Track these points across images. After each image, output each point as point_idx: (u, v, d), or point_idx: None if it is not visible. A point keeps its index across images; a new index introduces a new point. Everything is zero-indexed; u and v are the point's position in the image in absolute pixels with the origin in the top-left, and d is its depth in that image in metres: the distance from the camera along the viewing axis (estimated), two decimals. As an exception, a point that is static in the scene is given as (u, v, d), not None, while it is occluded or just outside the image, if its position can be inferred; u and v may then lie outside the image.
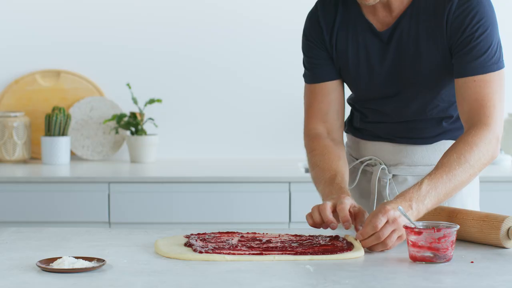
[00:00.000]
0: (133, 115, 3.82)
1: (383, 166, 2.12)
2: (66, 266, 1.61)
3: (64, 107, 3.86)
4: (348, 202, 1.88)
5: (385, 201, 1.84)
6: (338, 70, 2.13)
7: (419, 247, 1.68)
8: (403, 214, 1.82)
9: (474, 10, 1.94)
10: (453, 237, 1.68)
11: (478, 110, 1.93)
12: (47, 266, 1.61)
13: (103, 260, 1.65)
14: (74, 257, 1.66)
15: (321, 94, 2.13)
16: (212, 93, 3.97)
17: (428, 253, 1.67)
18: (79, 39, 3.93)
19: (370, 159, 2.16)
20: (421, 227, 1.71)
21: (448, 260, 1.69)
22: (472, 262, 1.69)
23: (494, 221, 1.81)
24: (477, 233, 1.84)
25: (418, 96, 2.05)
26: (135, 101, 3.81)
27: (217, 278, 1.57)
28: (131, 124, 3.81)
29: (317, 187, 2.05)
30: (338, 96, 2.14)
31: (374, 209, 2.12)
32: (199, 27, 3.94)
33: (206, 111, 3.97)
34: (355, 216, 1.89)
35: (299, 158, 3.86)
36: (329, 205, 1.87)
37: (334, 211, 1.88)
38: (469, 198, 2.12)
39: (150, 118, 3.87)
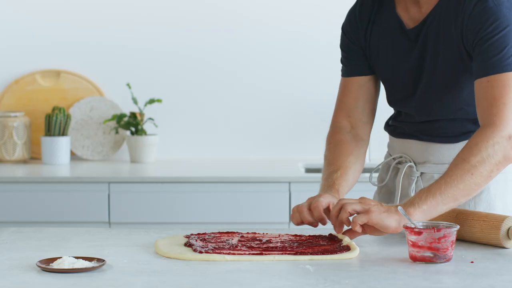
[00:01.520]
0: (133, 115, 3.82)
1: (411, 163, 2.12)
2: (66, 266, 1.61)
3: (64, 107, 3.86)
4: (325, 200, 1.91)
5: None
6: (372, 67, 2.15)
7: (419, 247, 1.68)
8: (403, 214, 1.82)
9: (491, 11, 1.93)
10: (453, 237, 1.68)
11: (487, 110, 1.91)
12: (47, 266, 1.61)
13: (103, 260, 1.65)
14: (74, 257, 1.66)
15: (350, 88, 2.17)
16: (212, 93, 3.97)
17: (428, 253, 1.67)
18: (79, 39, 3.93)
19: (400, 157, 2.17)
20: (421, 227, 1.71)
21: (448, 260, 1.69)
22: (472, 262, 1.69)
23: (494, 221, 1.81)
24: (477, 233, 1.84)
25: (437, 97, 2.05)
26: (135, 101, 3.81)
27: (217, 278, 1.57)
28: (131, 124, 3.81)
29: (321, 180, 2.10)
30: (367, 92, 2.16)
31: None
32: (199, 27, 3.94)
33: (206, 111, 3.97)
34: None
35: (299, 158, 3.86)
36: (305, 207, 1.91)
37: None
38: (498, 201, 2.08)
39: (150, 118, 3.87)
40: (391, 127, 2.22)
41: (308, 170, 3.75)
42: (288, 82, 3.87)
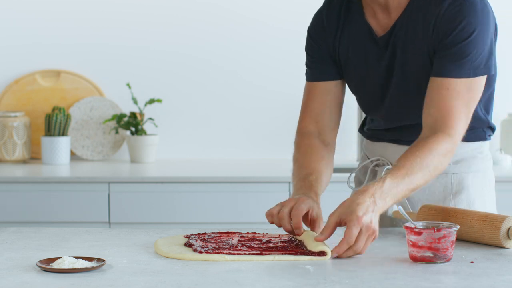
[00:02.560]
0: (133, 115, 3.82)
1: (389, 166, 2.12)
2: (66, 266, 1.61)
3: (64, 107, 3.86)
4: (305, 207, 1.87)
5: (346, 200, 1.81)
6: (340, 72, 2.13)
7: (419, 247, 1.67)
8: (403, 214, 1.82)
9: (463, 14, 1.92)
10: (453, 237, 1.68)
11: (444, 119, 1.91)
12: (47, 266, 1.61)
13: (103, 260, 1.65)
14: (74, 257, 1.66)
15: (317, 93, 2.14)
16: (212, 93, 3.97)
17: (428, 253, 1.67)
18: (79, 39, 3.93)
19: (378, 160, 2.16)
20: (421, 227, 1.71)
21: (448, 260, 1.69)
22: (472, 262, 1.69)
23: (494, 221, 1.81)
24: (477, 233, 1.84)
25: (410, 102, 2.04)
26: (135, 101, 3.81)
27: (217, 278, 1.57)
28: (131, 124, 3.81)
29: (292, 182, 2.05)
30: (335, 98, 2.14)
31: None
32: (200, 27, 3.94)
33: (206, 111, 3.97)
34: (311, 222, 1.89)
35: (299, 158, 3.86)
36: (286, 213, 1.86)
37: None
38: (478, 200, 2.10)
39: (150, 118, 3.87)
40: (366, 132, 2.22)
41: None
42: (289, 82, 3.87)
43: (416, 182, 1.85)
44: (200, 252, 1.74)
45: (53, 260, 1.65)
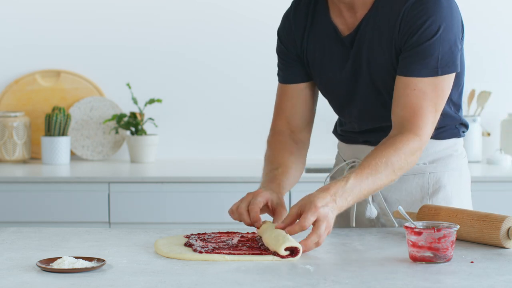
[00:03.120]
0: (133, 115, 3.82)
1: None
2: (66, 266, 1.61)
3: (64, 107, 3.86)
4: (262, 198, 1.90)
5: (308, 194, 1.82)
6: (309, 74, 2.13)
7: (419, 247, 1.67)
8: (403, 214, 1.82)
9: (428, 13, 1.90)
10: (453, 237, 1.68)
11: (411, 119, 1.91)
12: (47, 266, 1.61)
13: (103, 260, 1.65)
14: (74, 257, 1.66)
15: (287, 95, 2.15)
16: (212, 93, 3.97)
17: (428, 253, 1.67)
18: (79, 39, 3.93)
19: (353, 161, 2.15)
20: (421, 227, 1.71)
21: (448, 260, 1.69)
22: (472, 262, 1.69)
23: (494, 221, 1.81)
24: (477, 233, 1.84)
25: (380, 102, 2.04)
26: (135, 101, 3.81)
27: (217, 278, 1.57)
28: (131, 124, 3.81)
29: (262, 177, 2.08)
30: (305, 99, 2.14)
31: (355, 211, 2.12)
32: (200, 28, 3.94)
33: (206, 111, 3.97)
34: (274, 211, 1.92)
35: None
36: (244, 208, 1.89)
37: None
38: (455, 198, 2.10)
39: (150, 118, 3.87)
40: (340, 135, 2.22)
41: (308, 170, 3.75)
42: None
43: (379, 181, 1.86)
44: (200, 252, 1.74)
45: (53, 260, 1.65)
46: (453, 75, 1.96)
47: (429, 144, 2.06)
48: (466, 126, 2.14)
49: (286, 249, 1.73)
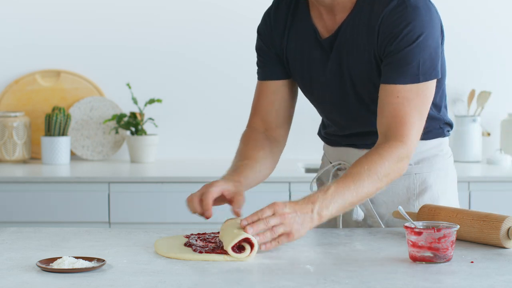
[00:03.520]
0: (133, 115, 3.82)
1: None
2: (66, 266, 1.61)
3: (64, 107, 3.86)
4: (217, 188, 1.90)
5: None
6: (288, 72, 2.12)
7: (419, 247, 1.67)
8: (403, 214, 1.82)
9: (407, 19, 1.89)
10: (453, 237, 1.68)
11: (396, 127, 1.90)
12: (47, 266, 1.61)
13: (103, 260, 1.65)
14: (74, 257, 1.66)
15: (265, 92, 2.15)
16: (212, 93, 3.97)
17: (428, 253, 1.67)
18: (79, 39, 3.93)
19: (340, 164, 2.15)
20: (421, 227, 1.71)
21: (448, 260, 1.69)
22: (472, 262, 1.69)
23: (494, 221, 1.81)
24: (477, 233, 1.84)
25: (361, 107, 2.03)
26: (135, 101, 3.81)
27: (217, 278, 1.57)
28: (131, 124, 3.81)
29: None
30: (282, 97, 2.14)
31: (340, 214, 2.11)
32: (200, 28, 3.94)
33: (206, 111, 3.97)
34: (231, 200, 1.91)
35: (299, 158, 3.86)
36: (197, 196, 1.91)
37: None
38: (441, 198, 2.09)
39: (150, 118, 3.87)
40: (324, 137, 2.21)
41: (308, 170, 3.75)
42: (288, 82, 3.87)
43: (364, 189, 1.84)
44: (200, 252, 1.74)
45: (53, 260, 1.64)
46: (435, 81, 1.95)
47: None
48: (450, 125, 2.14)
49: (240, 245, 1.71)
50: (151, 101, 3.81)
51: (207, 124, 3.98)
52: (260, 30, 2.15)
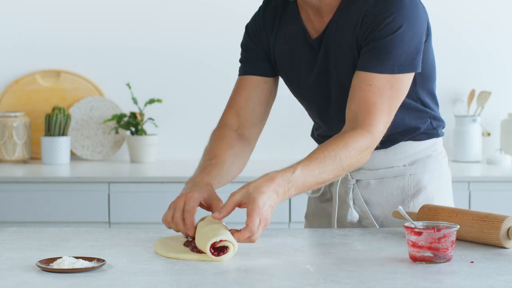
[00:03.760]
0: (133, 115, 3.82)
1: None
2: (66, 266, 1.61)
3: (64, 107, 3.86)
4: (195, 204, 1.87)
5: (252, 184, 1.80)
6: (272, 71, 2.12)
7: (419, 247, 1.67)
8: (403, 214, 1.82)
9: (390, 10, 1.89)
10: (453, 237, 1.68)
11: (364, 115, 1.89)
12: (47, 266, 1.61)
13: (103, 260, 1.65)
14: (74, 257, 1.66)
15: (243, 87, 2.14)
16: (213, 93, 3.97)
17: (428, 253, 1.67)
18: (79, 39, 3.93)
19: None
20: (421, 227, 1.71)
21: (448, 260, 1.69)
22: (472, 262, 1.69)
23: (494, 221, 1.81)
24: (477, 233, 1.84)
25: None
26: (135, 101, 3.81)
27: (217, 278, 1.57)
28: (131, 124, 3.81)
29: None
30: (261, 94, 2.13)
31: (336, 215, 2.11)
32: (200, 28, 3.94)
33: (206, 111, 3.97)
34: (209, 207, 1.90)
35: (299, 158, 3.85)
36: (180, 218, 1.85)
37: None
38: (436, 199, 2.09)
39: (150, 118, 3.87)
40: (318, 139, 2.20)
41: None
42: (288, 82, 3.87)
43: (325, 176, 1.84)
44: (198, 251, 1.74)
45: (53, 260, 1.64)
46: (411, 76, 1.94)
47: (408, 146, 2.06)
48: (443, 124, 2.13)
49: (215, 246, 1.70)
50: (151, 101, 3.81)
51: (207, 124, 3.96)
52: (249, 28, 2.15)
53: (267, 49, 2.11)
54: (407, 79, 1.93)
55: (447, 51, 3.97)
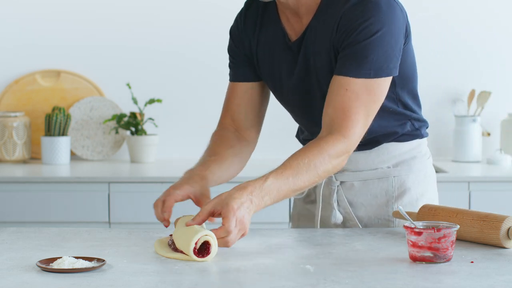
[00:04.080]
0: (133, 115, 3.82)
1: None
2: (66, 266, 1.61)
3: (64, 107, 3.86)
4: (181, 192, 1.90)
5: (224, 193, 1.81)
6: (258, 74, 2.12)
7: (419, 247, 1.67)
8: (403, 214, 1.82)
9: (367, 14, 1.87)
10: (453, 237, 1.68)
11: (341, 120, 1.87)
12: (47, 266, 1.61)
13: (103, 260, 1.65)
14: (74, 257, 1.66)
15: (234, 93, 2.15)
16: (212, 93, 3.96)
17: (428, 253, 1.67)
18: (79, 39, 3.93)
19: None
20: (421, 227, 1.71)
21: (448, 260, 1.69)
22: (472, 262, 1.69)
23: (494, 221, 1.81)
24: (477, 233, 1.84)
25: None
26: (135, 101, 3.81)
27: (217, 278, 1.57)
28: (131, 124, 3.81)
29: None
30: (251, 98, 2.13)
31: (319, 217, 2.11)
32: (200, 28, 3.94)
33: (206, 111, 3.97)
34: (197, 202, 1.93)
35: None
36: (160, 201, 1.90)
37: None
38: (420, 200, 2.08)
39: (150, 118, 3.87)
40: (303, 143, 2.19)
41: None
42: (288, 82, 3.87)
43: (301, 183, 1.83)
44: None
45: (53, 260, 1.64)
46: (388, 80, 1.92)
47: (392, 147, 2.06)
48: (426, 124, 2.11)
49: (197, 247, 1.69)
50: (151, 101, 3.81)
51: (207, 124, 3.96)
52: (232, 32, 2.16)
53: (249, 53, 2.11)
54: (385, 83, 1.91)
55: (447, 51, 3.97)
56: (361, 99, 1.88)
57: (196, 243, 1.69)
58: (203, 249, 1.70)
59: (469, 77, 3.99)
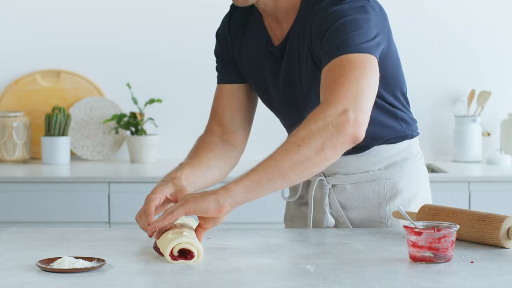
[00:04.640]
0: (133, 115, 3.82)
1: (321, 177, 2.08)
2: (66, 266, 1.61)
3: (64, 107, 3.86)
4: (158, 195, 1.90)
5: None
6: (243, 77, 2.12)
7: (419, 247, 1.67)
8: (403, 214, 1.82)
9: (334, 4, 1.84)
10: (453, 237, 1.68)
11: (324, 93, 1.78)
12: (47, 266, 1.61)
13: (103, 260, 1.65)
14: (74, 257, 1.66)
15: (221, 96, 2.16)
16: (212, 94, 3.96)
17: (428, 253, 1.67)
18: (79, 39, 3.93)
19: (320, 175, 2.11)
20: (421, 227, 1.71)
21: (448, 260, 1.69)
22: (472, 262, 1.69)
23: (494, 221, 1.81)
24: (477, 233, 1.84)
25: None
26: (135, 101, 3.81)
27: (217, 278, 1.57)
28: (131, 124, 3.81)
29: None
30: (237, 101, 2.14)
31: (311, 220, 2.11)
32: (200, 28, 3.94)
33: (206, 111, 3.96)
34: (175, 200, 1.91)
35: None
36: (142, 211, 1.89)
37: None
38: (412, 202, 2.07)
39: (150, 118, 3.87)
40: None
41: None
42: (288, 82, 3.87)
43: (284, 152, 1.79)
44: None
45: (53, 260, 1.64)
46: (373, 60, 1.81)
47: (383, 150, 2.05)
48: (414, 124, 2.09)
49: (179, 251, 1.68)
50: (151, 101, 3.81)
51: (207, 124, 3.98)
52: (218, 35, 2.16)
53: (233, 55, 2.11)
54: (369, 61, 1.80)
55: (447, 51, 3.97)
56: (348, 71, 1.77)
57: (171, 253, 1.68)
58: (185, 253, 1.69)
59: (469, 77, 3.99)
